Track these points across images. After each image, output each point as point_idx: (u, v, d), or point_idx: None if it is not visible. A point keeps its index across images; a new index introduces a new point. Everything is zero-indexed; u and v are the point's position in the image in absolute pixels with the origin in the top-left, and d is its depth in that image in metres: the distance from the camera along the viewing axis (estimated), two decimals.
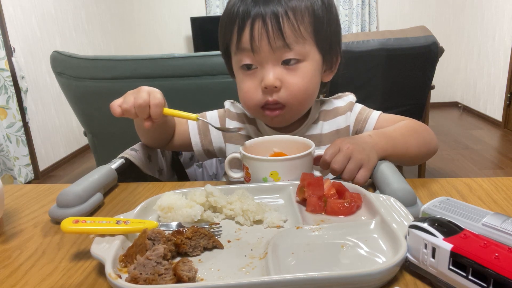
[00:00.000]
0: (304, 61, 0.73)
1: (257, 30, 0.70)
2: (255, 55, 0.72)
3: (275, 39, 0.69)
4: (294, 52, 0.71)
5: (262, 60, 0.72)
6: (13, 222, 0.60)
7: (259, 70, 0.73)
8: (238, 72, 0.78)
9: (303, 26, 0.71)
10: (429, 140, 0.76)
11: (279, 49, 0.70)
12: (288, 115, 0.77)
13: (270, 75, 0.71)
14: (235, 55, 0.76)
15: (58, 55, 1.76)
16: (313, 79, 0.75)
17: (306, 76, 0.73)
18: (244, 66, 0.74)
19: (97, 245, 0.45)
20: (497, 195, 0.61)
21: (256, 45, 0.70)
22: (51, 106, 3.46)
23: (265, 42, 0.70)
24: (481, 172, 2.88)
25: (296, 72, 0.72)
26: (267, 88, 0.72)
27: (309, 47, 0.73)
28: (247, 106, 0.79)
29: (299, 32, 0.70)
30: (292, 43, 0.70)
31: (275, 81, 0.71)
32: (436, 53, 1.93)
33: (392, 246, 0.44)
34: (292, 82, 0.72)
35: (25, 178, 2.99)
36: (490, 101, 4.21)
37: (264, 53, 0.71)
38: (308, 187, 0.55)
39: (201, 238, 0.47)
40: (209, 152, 0.87)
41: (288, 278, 0.38)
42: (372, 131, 0.73)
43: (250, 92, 0.75)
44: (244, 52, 0.73)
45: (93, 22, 4.19)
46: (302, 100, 0.75)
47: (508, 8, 3.85)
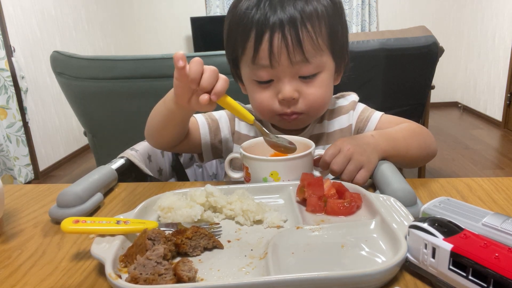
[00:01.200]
0: (322, 72, 0.72)
1: (277, 45, 0.67)
2: (272, 70, 0.70)
3: (295, 54, 0.68)
4: (313, 65, 0.70)
5: (279, 74, 0.70)
6: (13, 222, 0.60)
7: (275, 83, 0.72)
8: (250, 83, 0.75)
9: (321, 38, 0.70)
10: (429, 143, 0.76)
11: (298, 63, 0.69)
12: (305, 120, 0.78)
13: (287, 87, 0.70)
14: (249, 69, 0.73)
15: (58, 55, 1.76)
16: (330, 87, 0.76)
17: (323, 86, 0.73)
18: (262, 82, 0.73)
19: (97, 245, 0.45)
20: (497, 195, 0.61)
21: (275, 61, 0.68)
22: (51, 106, 3.46)
23: (284, 57, 0.68)
24: (481, 172, 2.88)
25: (314, 83, 0.72)
26: (284, 100, 0.71)
27: (326, 58, 0.72)
28: (261, 113, 0.77)
29: (317, 45, 0.69)
30: (310, 57, 0.69)
31: (293, 94, 0.70)
32: (436, 53, 1.93)
33: (392, 246, 0.44)
34: (310, 93, 0.72)
35: (25, 178, 2.99)
36: (490, 101, 4.21)
37: (282, 67, 0.69)
38: (308, 187, 0.55)
39: (201, 238, 0.47)
40: (216, 149, 0.85)
41: (288, 278, 0.38)
42: (374, 131, 0.73)
43: (265, 102, 0.74)
44: (262, 68, 0.70)
45: (93, 22, 4.19)
46: (319, 108, 0.76)
47: (508, 8, 3.85)
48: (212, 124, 0.84)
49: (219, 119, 0.85)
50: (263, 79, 0.72)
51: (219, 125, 0.84)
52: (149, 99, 1.75)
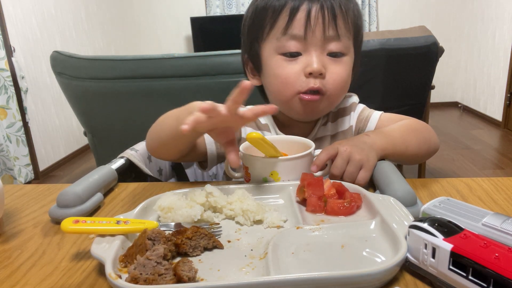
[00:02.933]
0: (347, 55, 0.75)
1: (314, 15, 0.69)
2: (304, 42, 0.71)
3: (330, 27, 0.70)
4: (342, 44, 0.72)
5: (310, 47, 0.71)
6: (13, 222, 0.60)
7: (303, 57, 0.72)
8: (275, 58, 0.74)
9: (351, 23, 0.73)
10: (429, 138, 0.76)
11: (329, 38, 0.71)
12: (325, 104, 0.76)
13: (316, 60, 0.71)
14: (277, 41, 0.73)
15: (58, 55, 1.76)
16: (350, 75, 0.76)
17: (347, 68, 0.75)
18: (287, 53, 0.72)
19: (97, 245, 0.45)
20: (497, 195, 0.61)
21: (310, 31, 0.70)
22: (51, 106, 3.46)
23: (319, 28, 0.70)
24: (481, 172, 2.88)
25: (340, 63, 0.73)
26: (312, 74, 0.71)
27: (351, 44, 0.75)
28: (281, 92, 0.75)
29: (348, 25, 0.72)
30: (342, 35, 0.72)
31: (321, 68, 0.71)
32: (436, 53, 1.93)
33: (392, 246, 0.44)
34: (336, 72, 0.73)
35: (25, 178, 2.99)
36: (490, 101, 4.21)
37: (315, 40, 0.71)
38: (308, 187, 0.55)
39: (201, 238, 0.47)
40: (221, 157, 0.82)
41: (288, 278, 0.38)
42: (371, 131, 0.73)
43: (291, 77, 0.73)
44: (293, 38, 0.71)
45: (93, 22, 4.19)
46: (341, 91, 0.76)
47: (508, 8, 3.85)
48: None
49: None
50: (292, 50, 0.72)
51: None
52: (149, 99, 1.75)
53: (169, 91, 1.66)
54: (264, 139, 0.59)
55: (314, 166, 0.63)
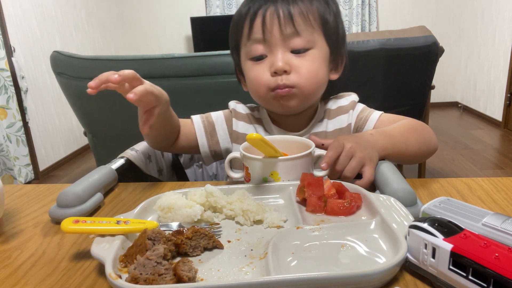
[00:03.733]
0: (313, 49, 0.75)
1: (269, 16, 0.73)
2: (266, 43, 0.74)
3: (286, 25, 0.72)
4: (304, 39, 0.74)
5: (272, 47, 0.74)
6: (13, 222, 0.60)
7: (269, 58, 0.75)
8: (247, 64, 0.79)
9: (312, 15, 0.74)
10: (429, 139, 0.76)
11: (289, 36, 0.73)
12: (300, 96, 0.77)
13: (279, 59, 0.73)
14: (245, 47, 0.78)
15: (58, 55, 1.76)
16: (322, 66, 0.77)
17: (315, 61, 0.75)
18: (254, 57, 0.76)
19: (97, 245, 0.45)
20: (497, 195, 0.61)
21: (267, 33, 0.73)
22: (51, 106, 3.46)
23: (276, 28, 0.73)
24: (481, 172, 2.88)
25: (305, 57, 0.75)
26: (277, 73, 0.74)
27: (318, 36, 0.76)
28: (257, 92, 0.79)
29: (308, 20, 0.74)
30: (302, 30, 0.73)
31: (284, 65, 0.73)
32: (436, 53, 1.93)
33: (392, 246, 0.44)
34: (302, 66, 0.74)
35: (25, 178, 2.99)
36: (490, 101, 4.21)
37: (275, 40, 0.73)
38: (308, 187, 0.55)
39: (201, 238, 0.47)
40: (216, 153, 0.86)
41: (288, 278, 0.38)
42: (373, 130, 0.73)
43: (259, 77, 0.76)
44: (255, 42, 0.75)
45: (93, 22, 4.19)
46: (312, 83, 0.76)
47: (508, 8, 3.85)
48: (208, 125, 0.85)
49: (216, 121, 0.86)
50: (257, 54, 0.76)
51: (215, 127, 0.85)
52: None
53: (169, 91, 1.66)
54: (263, 140, 0.59)
55: (325, 163, 0.62)
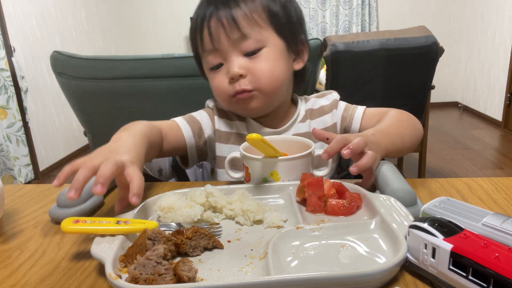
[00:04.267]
0: (265, 47, 0.75)
1: (213, 25, 0.74)
2: (218, 53, 0.75)
3: (231, 30, 0.73)
4: (252, 40, 0.74)
5: (224, 54, 0.75)
6: (13, 222, 0.60)
7: (225, 65, 0.76)
8: (208, 74, 0.80)
9: (257, 14, 0.74)
10: (417, 126, 0.78)
11: (237, 40, 0.73)
12: (260, 97, 0.77)
13: (233, 65, 0.74)
14: (203, 58, 0.80)
15: (58, 55, 1.76)
16: (278, 63, 0.76)
17: (269, 59, 0.75)
18: (212, 67, 0.78)
19: (97, 245, 0.45)
20: (497, 195, 0.61)
21: (216, 42, 0.74)
22: (51, 106, 3.46)
23: (222, 35, 0.73)
24: (481, 172, 2.88)
25: (259, 58, 0.75)
26: (233, 79, 0.75)
27: (267, 33, 0.75)
28: (220, 100, 0.81)
29: (253, 20, 0.73)
30: (248, 32, 0.73)
31: (239, 70, 0.74)
32: (436, 53, 1.93)
33: (392, 246, 0.44)
34: (256, 67, 0.74)
35: (25, 178, 2.99)
36: (490, 101, 4.21)
37: (224, 47, 0.74)
38: (308, 187, 0.55)
39: (201, 238, 0.47)
40: (201, 153, 0.85)
41: (288, 278, 0.38)
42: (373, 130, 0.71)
43: (219, 86, 0.77)
44: (209, 53, 0.76)
45: (93, 22, 4.19)
46: (269, 82, 0.76)
47: (508, 8, 3.84)
48: (194, 126, 0.83)
49: (201, 120, 0.85)
50: (214, 64, 0.77)
51: (201, 126, 0.84)
52: (149, 99, 1.75)
53: (169, 91, 1.66)
54: (263, 140, 0.59)
55: (326, 153, 0.58)
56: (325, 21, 4.89)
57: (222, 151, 0.84)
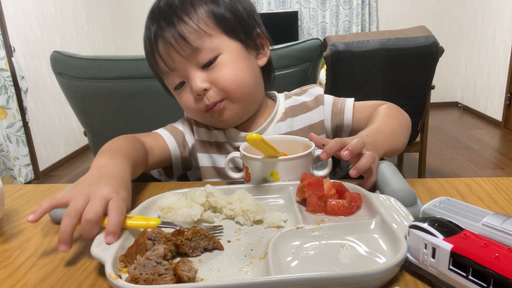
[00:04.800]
0: (221, 54, 0.72)
1: (163, 49, 0.71)
2: (176, 72, 0.73)
3: (182, 48, 0.70)
4: (205, 51, 0.71)
5: (183, 73, 0.73)
6: (13, 222, 0.60)
7: (187, 83, 0.74)
8: (174, 93, 0.78)
9: (203, 23, 0.71)
10: (406, 120, 0.78)
11: (190, 55, 0.71)
12: (234, 108, 0.75)
13: (195, 81, 0.71)
14: (165, 80, 0.78)
15: (58, 55, 1.76)
16: (239, 66, 0.73)
17: (227, 65, 0.72)
18: (177, 86, 0.75)
19: (97, 245, 0.45)
20: (497, 195, 0.61)
21: (169, 63, 0.72)
22: (51, 106, 3.46)
23: (174, 54, 0.71)
24: (481, 172, 2.88)
25: (217, 67, 0.72)
26: (199, 95, 0.72)
27: (219, 40, 0.72)
28: (194, 116, 0.79)
29: (200, 31, 0.70)
30: (199, 45, 0.70)
31: (202, 84, 0.71)
32: (436, 53, 1.93)
33: (392, 246, 0.44)
34: (218, 77, 0.72)
35: (25, 178, 2.99)
36: (490, 101, 4.21)
37: (180, 65, 0.72)
38: (308, 187, 0.55)
39: (201, 239, 0.47)
40: (185, 164, 0.84)
41: (288, 278, 0.38)
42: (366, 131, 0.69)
43: (188, 105, 0.75)
44: (167, 74, 0.74)
45: (93, 22, 4.19)
46: (237, 87, 0.73)
47: (508, 8, 3.84)
48: (178, 136, 0.81)
49: (183, 129, 0.83)
50: (175, 83, 0.75)
51: (185, 136, 0.82)
52: (149, 99, 1.75)
53: None
54: (263, 140, 0.59)
55: (324, 153, 0.58)
56: (325, 21, 4.89)
57: (204, 161, 0.81)
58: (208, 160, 0.81)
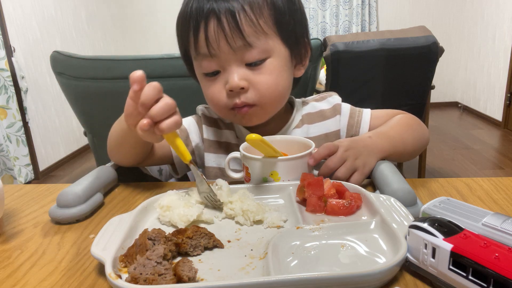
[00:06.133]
0: (270, 58, 0.68)
1: (213, 30, 0.64)
2: (215, 59, 0.67)
3: (234, 38, 0.64)
4: (257, 50, 0.66)
5: (223, 63, 0.67)
6: (13, 222, 0.60)
7: (222, 74, 0.69)
8: (201, 78, 0.73)
9: (262, 20, 0.65)
10: (422, 133, 0.77)
11: (240, 49, 0.65)
12: (261, 113, 0.72)
13: (234, 76, 0.66)
14: (196, 60, 0.71)
15: (58, 55, 1.76)
16: (283, 75, 0.70)
17: (273, 72, 0.68)
18: (209, 73, 0.70)
19: (97, 245, 0.45)
20: (497, 195, 0.61)
21: (214, 48, 0.65)
22: (51, 106, 3.47)
23: (223, 43, 0.65)
24: (481, 172, 2.88)
25: (262, 70, 0.68)
26: (232, 91, 0.67)
27: (273, 42, 0.68)
28: (216, 110, 0.75)
29: (259, 27, 0.65)
30: (253, 41, 0.65)
31: (240, 82, 0.66)
32: (436, 53, 1.93)
33: (392, 246, 0.44)
34: (260, 81, 0.68)
35: (25, 178, 2.99)
36: (490, 101, 4.21)
37: (224, 55, 0.66)
38: (308, 187, 0.55)
39: (202, 237, 0.47)
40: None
41: (288, 278, 0.38)
42: (371, 132, 0.72)
43: (215, 96, 0.70)
44: (204, 57, 0.68)
45: (93, 22, 4.19)
46: (273, 97, 0.70)
47: (508, 8, 3.85)
48: (181, 134, 0.79)
49: (188, 128, 0.81)
50: (209, 70, 0.69)
51: (189, 135, 0.80)
52: None
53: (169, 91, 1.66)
54: (263, 140, 0.59)
55: (312, 159, 0.62)
56: (325, 21, 4.89)
57: (210, 161, 0.80)
58: (215, 160, 0.80)
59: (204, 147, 0.81)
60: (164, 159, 0.79)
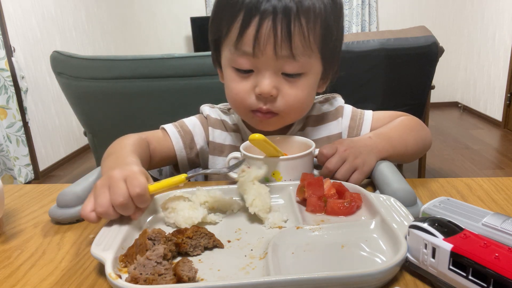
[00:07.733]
0: (307, 74, 0.67)
1: (264, 32, 0.61)
2: (254, 59, 0.64)
3: (282, 47, 0.62)
4: (299, 64, 0.64)
5: (261, 65, 0.65)
6: (13, 222, 0.60)
7: (255, 74, 0.66)
8: (229, 70, 0.69)
9: (313, 36, 0.64)
10: (425, 136, 0.76)
11: (283, 58, 0.63)
12: (279, 122, 0.72)
13: (267, 82, 0.65)
14: (230, 53, 0.67)
15: (58, 55, 1.76)
16: (312, 92, 0.71)
17: (305, 89, 0.68)
18: (241, 70, 0.67)
19: (97, 245, 0.45)
20: (497, 195, 0.61)
21: (260, 50, 0.63)
22: (51, 106, 3.46)
23: (270, 47, 0.62)
24: (481, 172, 2.88)
25: (296, 84, 0.67)
26: (261, 95, 0.66)
27: (314, 59, 0.67)
28: (235, 107, 0.73)
29: (308, 43, 0.64)
30: (298, 54, 0.63)
31: (271, 90, 0.65)
32: (436, 53, 1.93)
33: (392, 246, 0.44)
34: (290, 93, 0.67)
35: (25, 178, 2.99)
36: (490, 101, 4.21)
37: (266, 59, 0.64)
38: (308, 187, 0.55)
39: (202, 237, 0.47)
40: (193, 162, 0.81)
41: (288, 278, 0.38)
42: (371, 133, 0.72)
43: (241, 94, 0.68)
44: (244, 55, 0.65)
45: (93, 22, 4.19)
46: (297, 111, 0.71)
47: (508, 8, 3.84)
48: (186, 137, 0.78)
49: (193, 130, 0.80)
50: (243, 67, 0.66)
51: (193, 138, 0.79)
52: (149, 99, 1.75)
53: (169, 91, 1.66)
54: (266, 140, 0.59)
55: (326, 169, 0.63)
56: None
57: (215, 164, 0.79)
58: (220, 163, 0.79)
59: (209, 150, 0.80)
60: (165, 161, 0.79)
